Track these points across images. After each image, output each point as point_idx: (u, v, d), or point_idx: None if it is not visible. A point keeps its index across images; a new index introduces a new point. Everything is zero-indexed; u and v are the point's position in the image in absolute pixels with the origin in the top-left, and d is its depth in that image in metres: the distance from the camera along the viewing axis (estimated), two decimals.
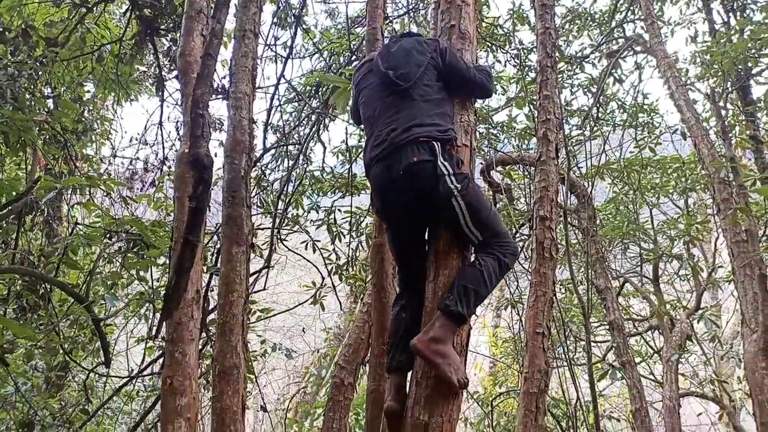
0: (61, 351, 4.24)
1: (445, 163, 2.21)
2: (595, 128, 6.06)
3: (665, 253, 6.68)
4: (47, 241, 4.59)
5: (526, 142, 6.05)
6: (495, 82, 2.78)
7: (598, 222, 5.76)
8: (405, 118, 2.32)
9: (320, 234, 6.32)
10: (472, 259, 2.30)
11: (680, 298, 7.30)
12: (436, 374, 2.05)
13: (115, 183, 3.65)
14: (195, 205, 2.00)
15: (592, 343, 5.71)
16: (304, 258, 6.24)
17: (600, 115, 6.27)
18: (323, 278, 5.96)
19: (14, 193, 3.38)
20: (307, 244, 6.08)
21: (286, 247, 6.28)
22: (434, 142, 2.25)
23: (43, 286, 3.84)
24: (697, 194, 7.35)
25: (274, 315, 6.21)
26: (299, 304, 6.06)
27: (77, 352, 4.49)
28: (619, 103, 6.51)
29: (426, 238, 2.42)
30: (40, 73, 3.85)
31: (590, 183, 5.39)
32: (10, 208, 3.19)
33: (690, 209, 7.23)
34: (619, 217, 6.62)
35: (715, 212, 5.36)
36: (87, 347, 4.40)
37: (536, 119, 3.75)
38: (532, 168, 5.54)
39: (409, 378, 2.26)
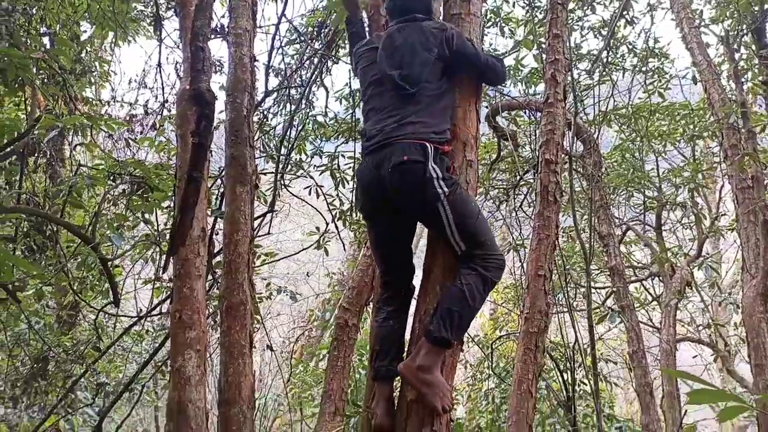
0: (71, 291, 4.32)
1: (435, 167, 2.14)
2: (604, 73, 5.92)
3: (669, 201, 6.66)
4: (51, 183, 4.60)
5: (533, 86, 5.93)
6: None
7: (603, 169, 5.72)
8: (401, 114, 2.24)
9: (324, 180, 6.31)
10: (457, 275, 2.17)
11: (682, 246, 7.34)
12: (425, 401, 2.06)
13: (117, 123, 3.61)
14: (198, 141, 1.98)
15: (592, 290, 5.79)
16: (308, 203, 6.26)
17: (610, 59, 6.11)
18: (327, 224, 5.99)
19: (16, 133, 3.35)
20: (310, 189, 6.08)
21: (290, 193, 6.28)
22: (427, 144, 2.18)
23: (50, 227, 3.87)
24: (704, 142, 7.26)
25: (278, 260, 6.30)
26: (303, 249, 6.11)
27: (86, 292, 4.57)
28: (630, 47, 6.33)
29: (410, 240, 2.38)
30: (34, 9, 3.75)
31: (597, 129, 5.32)
32: (12, 147, 3.16)
33: (696, 158, 7.16)
34: (625, 165, 6.56)
35: (722, 159, 5.30)
36: (96, 287, 4.49)
37: (544, 60, 3.65)
38: (539, 114, 5.46)
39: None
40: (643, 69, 6.09)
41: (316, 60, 6.09)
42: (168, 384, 5.34)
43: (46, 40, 4.34)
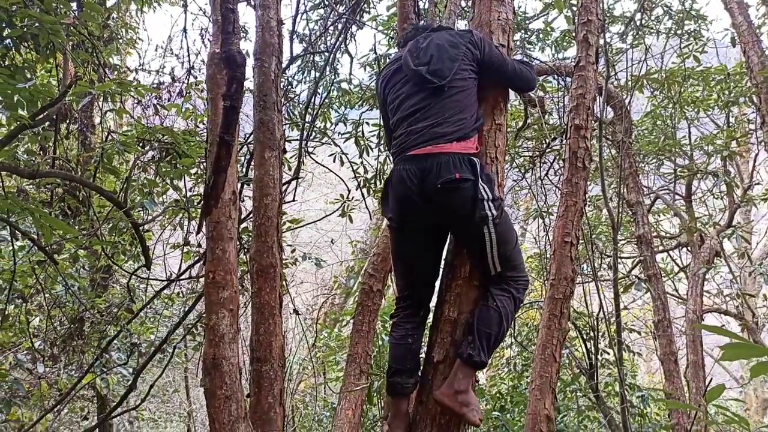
0: (104, 255, 4.45)
1: (485, 186, 2.11)
2: (637, 36, 5.73)
3: (700, 170, 6.50)
4: (82, 149, 4.69)
5: (563, 51, 5.77)
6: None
7: (633, 136, 5.59)
8: (434, 114, 2.18)
9: (348, 147, 6.30)
10: (490, 296, 2.19)
11: (712, 216, 7.19)
12: (463, 420, 2.10)
13: (147, 90, 3.65)
14: (229, 104, 1.99)
15: (618, 259, 5.72)
16: (332, 171, 6.28)
17: (644, 21, 5.90)
18: (349, 191, 6.01)
19: (49, 99, 3.41)
20: (335, 157, 6.08)
21: (314, 161, 6.30)
22: (475, 159, 2.14)
23: (83, 192, 3.96)
24: (740, 108, 7.02)
25: (302, 226, 6.36)
26: (327, 215, 6.16)
27: (118, 256, 4.70)
28: (666, 8, 6.09)
29: (440, 257, 2.32)
30: None
31: (629, 94, 5.18)
32: (46, 113, 3.23)
33: (730, 125, 6.94)
34: (656, 132, 6.40)
35: (758, 126, 5.13)
36: (128, 251, 4.61)
37: (576, 21, 3.54)
38: (568, 79, 5.33)
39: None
40: (679, 32, 5.87)
41: (340, 25, 6.02)
42: (197, 345, 5.54)
43: (74, 5, 4.37)
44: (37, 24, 3.23)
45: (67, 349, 4.67)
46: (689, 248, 6.45)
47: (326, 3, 6.08)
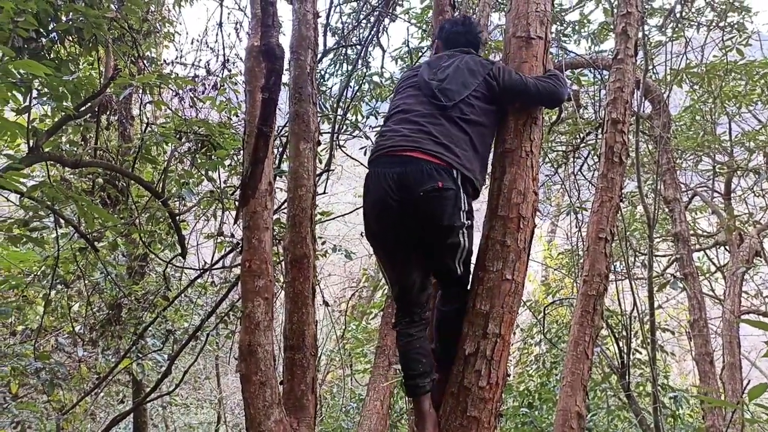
0: (141, 243, 4.57)
1: (465, 197, 2.18)
2: (677, 29, 5.57)
3: (741, 167, 6.31)
4: (122, 139, 4.82)
5: (600, 43, 5.66)
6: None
7: (671, 131, 5.45)
8: (428, 127, 2.19)
9: None
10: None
11: (752, 214, 6.97)
12: None
13: (185, 81, 3.73)
14: (268, 96, 2.03)
15: (653, 257, 5.60)
16: (363, 165, 6.29)
17: (684, 14, 5.73)
18: None
19: (91, 91, 3.51)
20: (365, 150, 6.11)
21: (345, 154, 6.34)
22: (455, 171, 2.15)
23: (123, 181, 4.08)
24: None
25: (333, 218, 6.42)
26: (357, 208, 6.19)
27: (155, 245, 4.83)
28: (707, 0, 5.91)
29: (423, 261, 2.30)
30: None
31: (667, 88, 5.05)
32: (89, 104, 3.33)
33: None
34: (695, 127, 6.23)
35: None
36: (164, 241, 4.73)
37: (615, 13, 3.47)
38: (605, 72, 5.23)
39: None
40: (721, 24, 5.69)
41: (372, 18, 6.03)
42: (229, 334, 5.66)
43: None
44: (81, 18, 3.33)
45: (106, 334, 4.83)
46: (727, 247, 6.27)
47: None
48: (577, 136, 5.57)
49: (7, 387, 4.68)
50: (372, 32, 5.97)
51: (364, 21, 6.14)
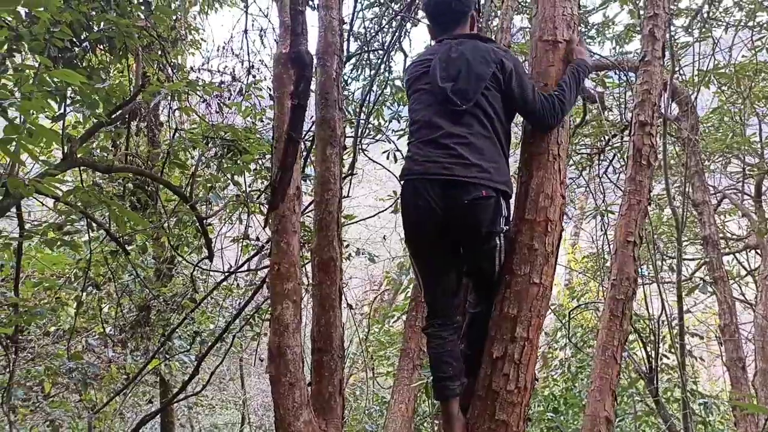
0: (169, 246, 4.67)
1: (504, 204, 2.24)
2: (705, 29, 5.48)
3: None
4: (151, 145, 4.93)
5: (624, 44, 5.60)
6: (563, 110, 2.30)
7: (699, 133, 5.36)
8: (465, 155, 2.16)
9: (401, 144, 6.35)
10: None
11: None
12: None
13: (212, 88, 3.80)
14: (297, 102, 2.07)
15: (682, 260, 5.51)
16: (386, 168, 6.33)
17: (711, 14, 5.64)
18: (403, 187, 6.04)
19: (122, 98, 3.61)
20: (388, 153, 6.14)
21: (368, 157, 6.38)
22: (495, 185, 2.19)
23: (152, 185, 4.17)
24: None
25: (357, 222, 6.46)
26: (380, 212, 6.23)
27: (182, 248, 4.92)
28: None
29: (459, 266, 2.33)
30: None
31: (696, 90, 4.97)
32: (120, 111, 3.42)
33: None
34: (723, 129, 6.11)
35: None
36: (191, 244, 4.81)
37: (642, 15, 3.44)
38: (630, 74, 5.17)
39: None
40: (750, 24, 5.58)
41: (394, 23, 6.06)
42: (255, 336, 5.73)
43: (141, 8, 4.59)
44: (113, 27, 3.42)
45: (135, 336, 4.93)
46: (759, 251, 6.13)
47: (381, 1, 6.14)
48: (602, 139, 5.51)
49: (41, 386, 4.81)
50: (394, 37, 6.00)
51: (386, 26, 6.18)
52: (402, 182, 2.31)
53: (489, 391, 2.19)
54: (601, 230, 5.47)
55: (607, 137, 5.17)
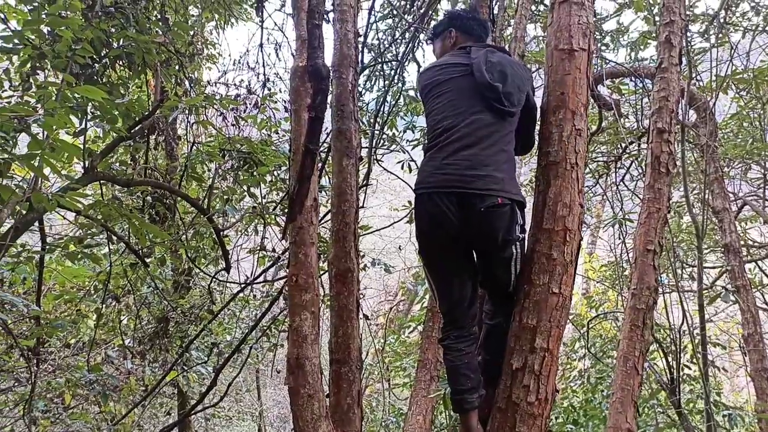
0: (187, 258, 4.71)
1: (519, 212, 2.26)
2: (722, 34, 5.43)
3: None
4: (169, 159, 5.00)
5: (640, 50, 5.57)
6: None
7: (718, 139, 5.30)
8: (487, 162, 2.19)
9: (415, 154, 6.36)
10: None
11: None
12: None
13: (230, 102, 3.85)
14: (314, 114, 2.09)
15: (702, 269, 5.42)
16: (400, 179, 6.34)
17: (728, 18, 5.59)
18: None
19: (141, 113, 3.67)
20: (402, 164, 6.16)
21: (383, 168, 6.40)
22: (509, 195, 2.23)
23: (170, 198, 4.23)
24: None
25: (372, 232, 6.47)
26: (395, 222, 6.23)
27: (199, 259, 4.96)
28: (752, 4, 5.75)
29: (474, 274, 2.34)
30: None
31: (713, 95, 4.92)
32: (140, 126, 3.47)
33: None
34: (742, 135, 6.03)
35: None
36: (208, 255, 4.85)
37: (658, 22, 3.42)
38: (647, 81, 5.13)
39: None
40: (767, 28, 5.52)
41: (407, 34, 6.10)
42: (271, 347, 5.74)
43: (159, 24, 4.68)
44: (132, 43, 3.49)
45: (154, 347, 4.97)
46: None
47: (395, 13, 6.18)
48: (619, 146, 5.47)
49: (61, 398, 4.85)
50: (408, 48, 6.03)
51: (400, 37, 6.21)
52: (417, 192, 2.31)
53: (509, 402, 2.17)
54: (619, 239, 5.41)
55: (623, 144, 5.12)
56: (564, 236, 2.27)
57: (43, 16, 3.06)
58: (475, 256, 2.35)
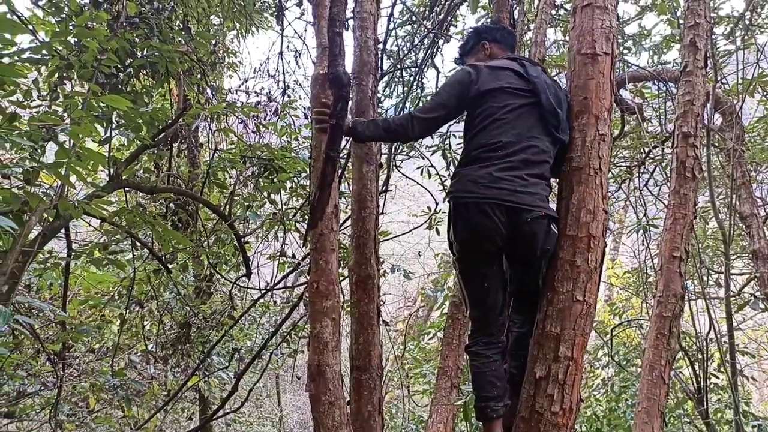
0: (208, 264, 4.75)
1: (555, 226, 2.28)
2: (747, 37, 5.32)
3: None
4: (191, 167, 5.06)
5: (663, 54, 5.48)
6: None
7: (744, 143, 5.18)
8: (539, 181, 2.27)
9: (434, 160, 6.34)
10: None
11: None
12: None
13: (251, 110, 3.89)
14: (335, 122, 2.09)
15: (730, 276, 5.30)
16: (420, 185, 6.33)
17: (753, 20, 5.47)
18: (437, 203, 6.04)
19: (165, 121, 3.72)
20: (422, 170, 6.15)
21: (402, 173, 6.39)
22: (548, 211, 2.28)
23: (193, 205, 4.28)
24: None
25: (392, 238, 6.47)
26: (415, 228, 6.21)
27: (221, 266, 5.01)
28: None
29: (505, 281, 2.36)
30: (176, 6, 4.11)
31: (740, 98, 4.82)
32: (164, 133, 3.53)
33: None
34: None
35: None
36: (229, 262, 4.89)
37: (682, 25, 3.37)
38: (670, 84, 5.05)
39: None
40: None
41: (426, 40, 6.10)
42: (292, 353, 5.75)
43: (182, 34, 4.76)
44: (156, 53, 3.56)
45: (176, 352, 5.02)
46: None
47: (414, 19, 6.19)
48: (642, 151, 5.39)
49: (86, 402, 4.93)
50: (427, 54, 6.03)
51: (419, 43, 6.22)
52: (462, 200, 2.27)
53: (533, 412, 2.13)
54: (643, 245, 5.32)
55: (646, 149, 5.04)
56: (588, 243, 2.24)
57: (71, 27, 3.13)
58: (506, 265, 2.37)
